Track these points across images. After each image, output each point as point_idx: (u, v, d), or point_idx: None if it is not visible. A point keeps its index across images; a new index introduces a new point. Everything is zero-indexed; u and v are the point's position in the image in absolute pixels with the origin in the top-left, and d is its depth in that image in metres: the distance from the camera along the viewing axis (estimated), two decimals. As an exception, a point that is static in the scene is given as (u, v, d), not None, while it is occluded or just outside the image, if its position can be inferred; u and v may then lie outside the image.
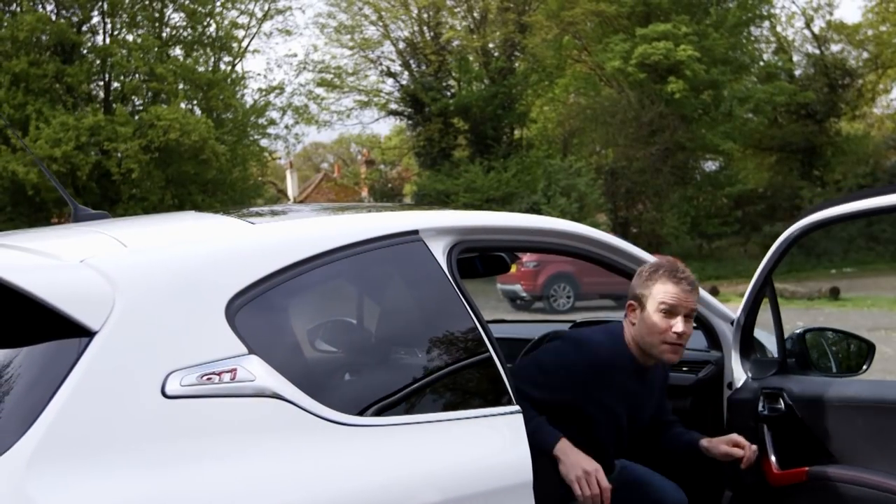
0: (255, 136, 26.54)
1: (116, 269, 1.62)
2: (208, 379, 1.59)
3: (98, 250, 1.69)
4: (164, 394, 1.54)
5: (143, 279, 1.63)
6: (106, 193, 21.55)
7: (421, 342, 2.07)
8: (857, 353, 2.77)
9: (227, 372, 1.61)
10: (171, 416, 1.54)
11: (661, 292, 2.37)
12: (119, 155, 21.50)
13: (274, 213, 2.22)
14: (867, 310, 14.16)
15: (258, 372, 1.64)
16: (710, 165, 28.66)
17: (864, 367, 2.70)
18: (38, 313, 1.50)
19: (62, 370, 1.48)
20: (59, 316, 1.50)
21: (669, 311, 2.36)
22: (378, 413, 1.82)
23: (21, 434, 1.41)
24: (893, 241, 25.76)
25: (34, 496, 1.37)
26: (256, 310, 1.73)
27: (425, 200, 25.45)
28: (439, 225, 2.16)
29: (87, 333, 1.51)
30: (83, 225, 2.12)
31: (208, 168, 22.53)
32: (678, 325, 2.35)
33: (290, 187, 36.41)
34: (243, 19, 25.76)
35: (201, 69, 24.24)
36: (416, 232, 2.08)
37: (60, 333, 1.52)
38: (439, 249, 2.10)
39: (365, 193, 32.14)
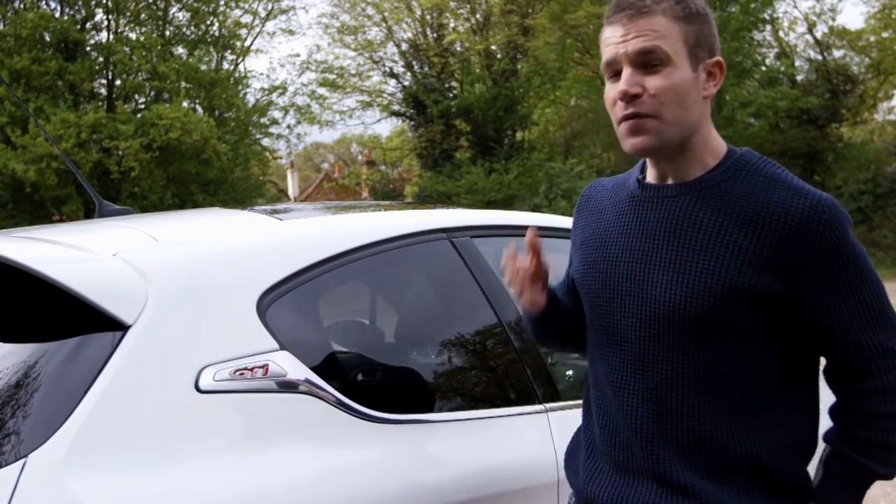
0: (257, 136, 26.55)
1: (149, 263, 1.61)
2: (241, 374, 1.59)
3: (130, 244, 1.69)
4: (197, 388, 1.54)
5: (176, 273, 1.63)
6: (106, 192, 21.52)
7: (448, 341, 2.07)
8: None
9: (259, 367, 1.61)
10: (204, 410, 1.53)
11: (602, 51, 1.48)
12: (120, 153, 21.50)
13: (301, 210, 2.21)
14: (869, 315, 14.14)
15: (290, 367, 1.64)
16: (712, 169, 28.62)
17: None
18: (71, 306, 1.49)
19: (97, 364, 1.48)
20: (93, 309, 1.49)
21: (613, 73, 1.45)
22: (407, 410, 1.81)
23: (57, 427, 1.41)
24: (894, 247, 25.80)
25: (72, 488, 1.36)
26: (287, 305, 1.73)
27: (428, 202, 25.46)
28: (466, 223, 2.16)
29: (120, 327, 1.51)
30: (111, 220, 2.12)
31: (210, 167, 22.54)
32: (620, 83, 1.43)
33: (291, 187, 36.38)
34: (247, 18, 25.78)
35: (204, 68, 24.24)
36: (443, 230, 2.08)
37: (94, 327, 1.52)
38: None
39: (366, 194, 32.13)
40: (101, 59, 23.22)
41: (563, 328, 1.68)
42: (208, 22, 24.89)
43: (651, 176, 1.51)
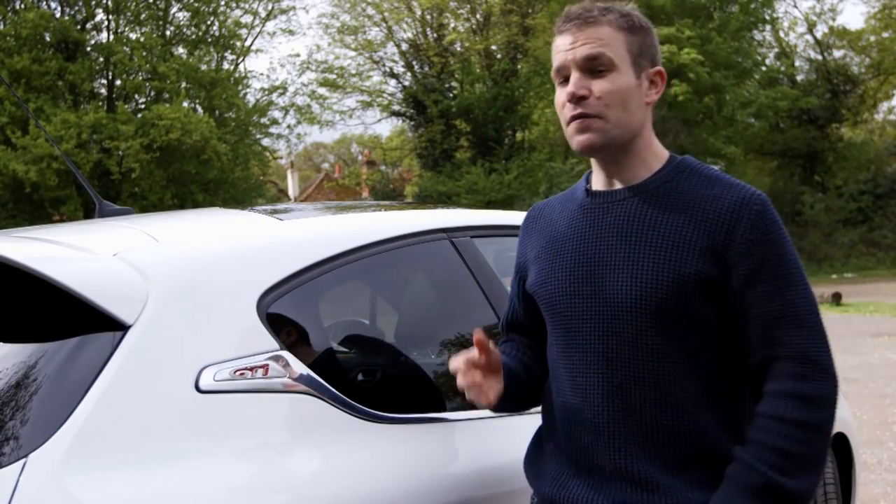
0: (258, 136, 26.56)
1: (149, 263, 1.61)
2: (241, 374, 1.58)
3: (130, 244, 1.69)
4: (197, 388, 1.53)
5: (176, 273, 1.63)
6: (106, 192, 21.52)
7: (448, 340, 2.08)
8: None
9: (260, 367, 1.61)
10: (204, 410, 1.53)
11: (553, 58, 1.58)
12: (120, 153, 21.50)
13: (301, 210, 2.21)
14: (870, 315, 14.17)
15: (290, 367, 1.64)
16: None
17: None
18: (71, 307, 1.49)
19: (97, 364, 1.47)
20: (93, 309, 1.49)
21: (563, 78, 1.56)
22: (407, 410, 1.81)
23: (58, 427, 1.40)
24: (894, 247, 25.80)
25: (72, 488, 1.36)
26: (287, 306, 1.73)
27: (428, 202, 25.49)
28: (466, 223, 2.17)
29: (121, 327, 1.51)
30: (111, 220, 2.12)
31: (210, 167, 22.54)
32: (568, 86, 1.53)
33: (291, 187, 36.40)
34: (247, 18, 25.81)
35: (204, 68, 24.25)
36: (443, 230, 2.09)
37: (95, 327, 1.51)
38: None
39: (366, 194, 32.15)
40: (101, 59, 23.22)
41: (523, 394, 1.70)
42: (208, 22, 24.90)
43: (599, 183, 1.60)
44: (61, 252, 1.65)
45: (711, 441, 1.47)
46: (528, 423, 1.95)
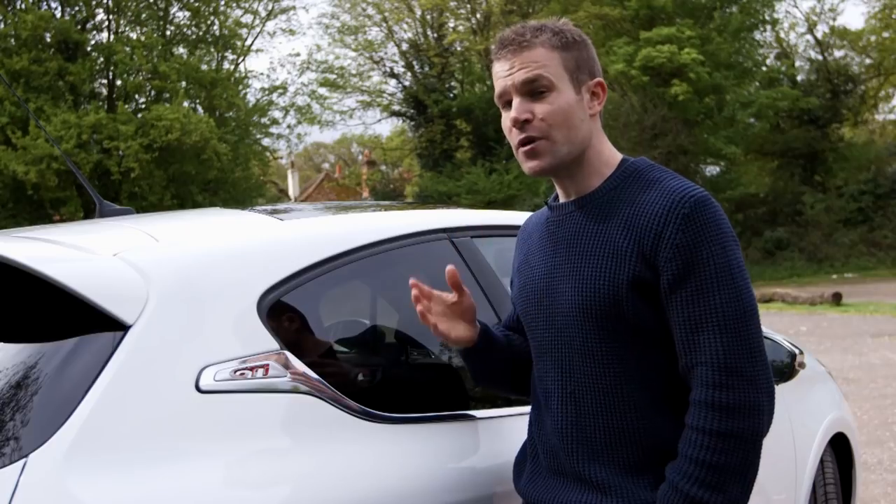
0: (258, 136, 26.58)
1: (150, 263, 1.61)
2: (241, 374, 1.58)
3: (130, 244, 1.69)
4: (198, 388, 1.53)
5: (177, 273, 1.63)
6: (106, 192, 21.53)
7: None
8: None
9: (260, 367, 1.61)
10: (205, 410, 1.53)
11: (494, 85, 1.64)
12: (120, 154, 21.51)
13: (301, 211, 2.21)
14: (870, 315, 14.16)
15: (290, 367, 1.64)
16: (712, 170, 28.71)
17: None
18: (71, 306, 1.49)
19: (97, 364, 1.47)
20: (94, 309, 1.49)
21: (505, 103, 1.60)
22: (407, 410, 1.81)
23: (58, 427, 1.40)
24: (895, 247, 25.80)
25: (72, 488, 1.36)
26: (287, 305, 1.73)
27: (428, 202, 25.52)
28: (466, 223, 2.17)
29: (121, 327, 1.51)
30: (111, 220, 2.12)
31: (210, 168, 22.55)
32: (511, 111, 1.57)
33: (292, 187, 36.42)
34: (247, 18, 25.82)
35: (204, 68, 24.26)
36: (444, 230, 2.09)
37: (95, 327, 1.51)
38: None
39: (366, 194, 32.16)
40: (101, 59, 23.22)
41: (497, 367, 1.78)
42: (209, 21, 24.90)
43: (560, 196, 1.66)
44: (61, 252, 1.65)
45: (663, 443, 1.49)
46: (526, 424, 1.95)
